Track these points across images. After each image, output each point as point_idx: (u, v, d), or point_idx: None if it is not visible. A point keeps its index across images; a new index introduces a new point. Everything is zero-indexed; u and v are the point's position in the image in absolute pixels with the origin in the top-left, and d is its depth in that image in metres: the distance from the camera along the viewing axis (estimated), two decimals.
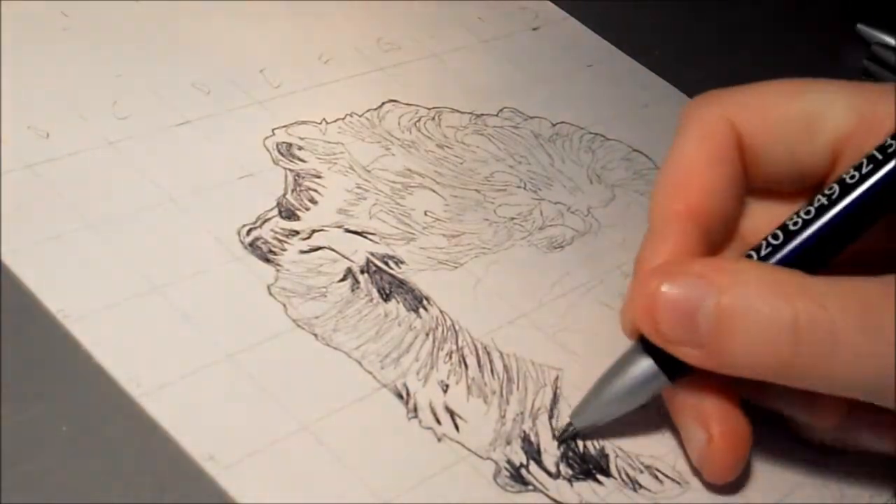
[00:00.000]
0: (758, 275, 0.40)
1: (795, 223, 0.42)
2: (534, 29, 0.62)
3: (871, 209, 0.41)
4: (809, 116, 0.44)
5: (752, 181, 0.45)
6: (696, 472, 0.43)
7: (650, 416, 0.44)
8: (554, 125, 0.56)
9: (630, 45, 0.63)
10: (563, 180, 0.53)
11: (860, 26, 0.70)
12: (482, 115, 0.55)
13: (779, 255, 0.41)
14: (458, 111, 0.55)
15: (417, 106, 0.54)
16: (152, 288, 0.41)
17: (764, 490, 0.43)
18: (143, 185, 0.45)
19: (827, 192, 0.42)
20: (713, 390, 0.42)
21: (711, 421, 0.41)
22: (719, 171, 0.44)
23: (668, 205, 0.43)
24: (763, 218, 0.44)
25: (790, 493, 0.44)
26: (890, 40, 0.69)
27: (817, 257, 0.41)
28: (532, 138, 0.55)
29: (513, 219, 0.50)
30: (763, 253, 0.41)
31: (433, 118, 0.54)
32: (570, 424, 0.42)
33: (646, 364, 0.41)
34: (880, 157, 0.41)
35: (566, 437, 0.42)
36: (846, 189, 0.41)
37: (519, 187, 0.52)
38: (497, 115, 0.55)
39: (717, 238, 0.44)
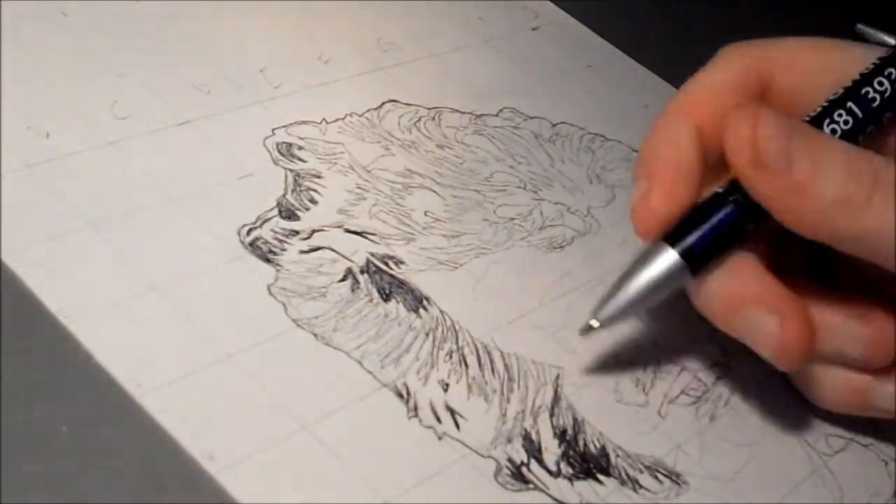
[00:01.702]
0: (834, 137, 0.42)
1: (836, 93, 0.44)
2: (534, 29, 0.62)
3: None
4: (841, 68, 0.45)
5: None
6: (695, 473, 0.43)
7: (652, 416, 0.44)
8: (554, 125, 0.56)
9: (630, 45, 0.63)
10: (563, 180, 0.53)
11: (860, 26, 0.70)
12: (482, 115, 0.55)
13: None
14: (458, 111, 0.55)
15: (417, 106, 0.54)
16: (152, 288, 0.41)
17: (764, 490, 0.43)
18: (143, 184, 0.45)
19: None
20: (766, 280, 0.42)
21: (778, 303, 0.42)
22: (735, 97, 0.44)
23: (677, 113, 0.45)
24: None
25: (790, 492, 0.44)
26: (890, 40, 0.69)
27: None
28: (532, 138, 0.55)
29: (513, 219, 0.50)
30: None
31: (433, 118, 0.54)
32: (592, 321, 0.42)
33: (670, 257, 0.42)
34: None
35: (587, 332, 0.43)
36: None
37: (519, 187, 0.52)
38: (497, 116, 0.55)
39: (715, 159, 0.44)
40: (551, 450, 0.42)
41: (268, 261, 0.44)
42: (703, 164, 0.43)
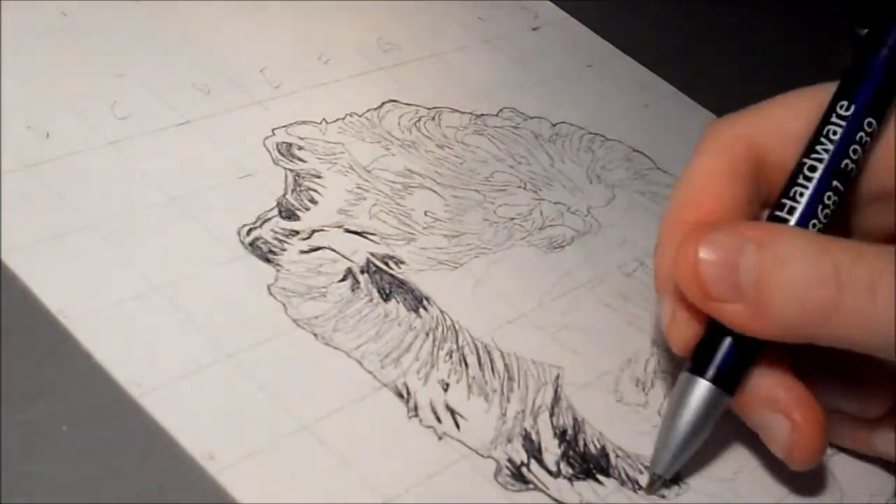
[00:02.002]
0: (792, 231, 0.41)
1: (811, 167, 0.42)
2: (534, 29, 0.62)
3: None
4: None
5: (774, 195, 0.45)
6: (695, 473, 0.43)
7: (652, 416, 0.44)
8: (554, 125, 0.56)
9: (630, 45, 0.63)
10: (563, 180, 0.53)
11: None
12: (482, 115, 0.55)
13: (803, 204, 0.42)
14: (458, 111, 0.55)
15: (417, 106, 0.54)
16: (152, 288, 0.41)
17: (764, 490, 0.43)
18: (142, 184, 0.45)
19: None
20: (782, 381, 0.42)
21: (791, 409, 0.41)
22: (732, 186, 0.44)
23: (678, 217, 0.43)
24: None
25: (790, 493, 0.44)
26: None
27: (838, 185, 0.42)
28: (532, 138, 0.55)
29: (513, 219, 0.50)
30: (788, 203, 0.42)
31: (433, 118, 0.54)
32: (655, 475, 0.42)
33: (703, 387, 0.41)
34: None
35: (657, 488, 0.42)
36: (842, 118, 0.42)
37: (519, 187, 0.52)
38: (497, 115, 0.55)
39: None
40: (551, 450, 0.42)
41: (268, 261, 0.44)
42: None
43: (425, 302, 0.45)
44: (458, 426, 0.41)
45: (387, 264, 0.46)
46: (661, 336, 0.47)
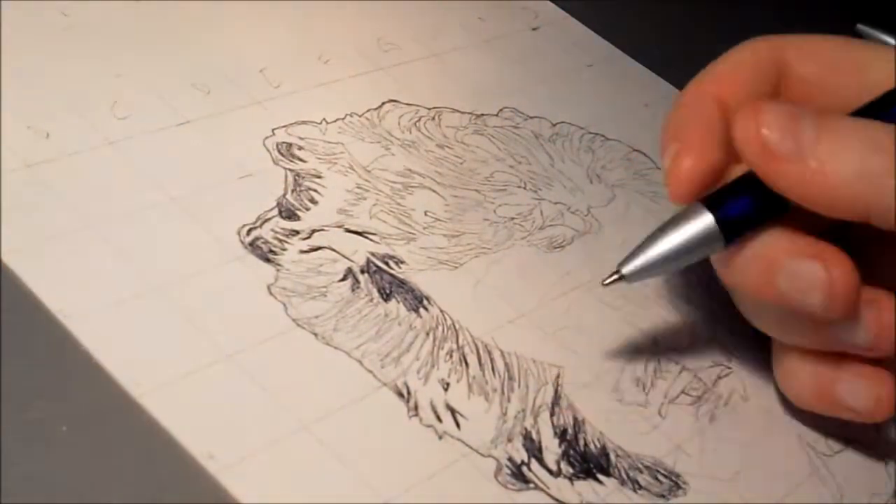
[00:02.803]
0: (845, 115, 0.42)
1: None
2: (534, 29, 0.62)
3: None
4: (860, 61, 0.45)
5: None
6: (695, 473, 0.43)
7: (652, 416, 0.44)
8: (554, 125, 0.56)
9: (630, 44, 0.63)
10: (563, 180, 0.53)
11: (860, 26, 0.70)
12: (482, 114, 0.55)
13: None
14: (458, 111, 0.55)
15: (417, 106, 0.54)
16: (152, 288, 0.41)
17: (764, 490, 0.43)
18: (142, 184, 0.45)
19: None
20: (806, 236, 0.42)
21: (822, 252, 0.41)
22: (756, 79, 0.45)
23: (701, 86, 0.45)
24: None
25: (790, 492, 0.44)
26: (890, 40, 0.69)
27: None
28: (532, 138, 0.55)
29: (513, 219, 0.50)
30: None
31: (433, 118, 0.54)
32: (617, 272, 0.42)
33: (706, 221, 0.41)
34: None
35: (612, 282, 0.42)
36: None
37: (519, 187, 0.52)
38: (497, 115, 0.55)
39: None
40: (551, 449, 0.42)
41: (268, 260, 0.44)
42: (728, 135, 0.43)
43: (425, 301, 0.45)
44: (458, 425, 0.41)
45: (387, 264, 0.46)
46: (662, 335, 0.47)
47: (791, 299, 0.42)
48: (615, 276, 0.43)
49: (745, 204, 0.42)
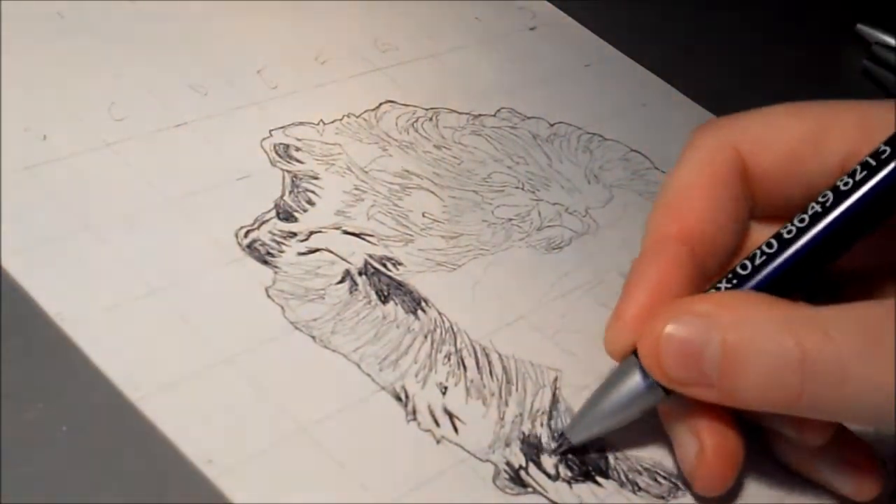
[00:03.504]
0: (761, 310, 0.40)
1: (790, 231, 0.41)
2: (531, 29, 0.62)
3: (866, 216, 0.41)
4: (816, 135, 0.44)
5: (761, 206, 0.45)
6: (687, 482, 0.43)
7: (650, 418, 0.44)
8: (551, 125, 0.56)
9: (628, 44, 0.63)
10: (561, 181, 0.53)
11: (860, 26, 0.70)
12: (480, 115, 0.55)
13: (773, 264, 0.41)
14: (455, 112, 0.55)
15: (415, 107, 0.54)
16: (150, 290, 0.41)
17: (764, 491, 0.43)
18: (140, 186, 0.45)
19: (821, 199, 0.41)
20: (705, 403, 0.41)
21: (703, 432, 0.41)
22: (717, 195, 0.43)
23: (661, 226, 0.43)
24: None
25: (790, 493, 0.44)
26: (890, 40, 0.69)
27: (812, 265, 0.41)
28: (530, 139, 0.55)
29: (511, 220, 0.50)
30: (757, 262, 0.41)
31: (431, 119, 0.53)
32: (563, 437, 0.42)
33: (639, 379, 0.41)
34: (874, 163, 0.41)
35: (560, 451, 0.42)
36: (840, 196, 0.41)
37: (517, 188, 0.52)
38: (495, 116, 0.55)
39: (711, 262, 0.43)
40: (550, 453, 0.42)
41: (266, 263, 0.44)
42: (690, 280, 0.42)
43: (423, 304, 0.45)
44: (456, 430, 0.41)
45: (385, 266, 0.46)
46: None
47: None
48: (563, 442, 0.42)
49: None
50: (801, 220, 0.41)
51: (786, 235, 0.41)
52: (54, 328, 0.39)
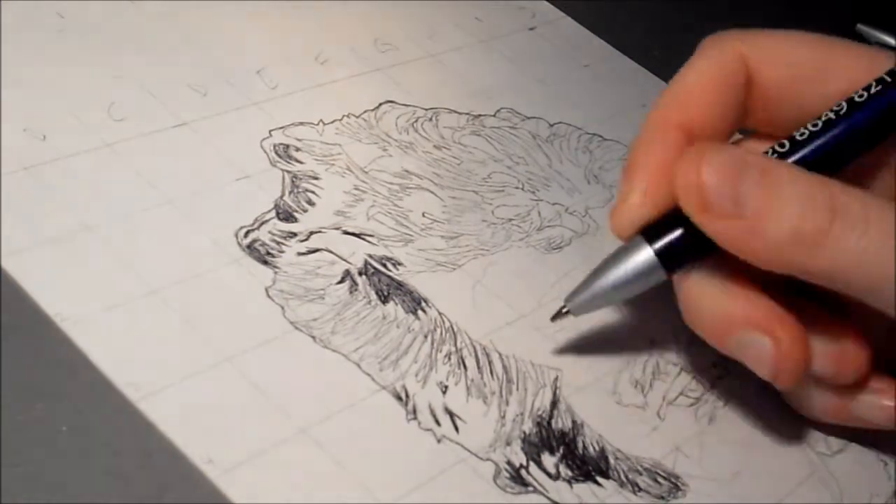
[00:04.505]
0: (792, 165, 0.41)
1: (802, 134, 0.42)
2: (531, 29, 0.62)
3: (878, 126, 0.42)
4: (824, 62, 0.45)
5: (758, 121, 0.46)
6: (695, 475, 0.43)
7: (651, 418, 0.44)
8: (551, 125, 0.56)
9: (627, 44, 0.63)
10: (560, 181, 0.53)
11: (860, 26, 0.70)
12: (480, 115, 0.55)
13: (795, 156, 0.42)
14: (455, 112, 0.55)
15: (415, 107, 0.54)
16: (150, 291, 0.41)
17: (764, 490, 0.43)
18: (140, 187, 0.45)
19: (835, 107, 0.42)
20: (759, 301, 0.42)
21: (774, 327, 0.41)
22: (720, 94, 0.44)
23: (665, 113, 0.44)
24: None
25: (790, 493, 0.44)
26: (890, 40, 0.69)
27: (822, 167, 0.42)
28: (530, 139, 0.55)
29: (511, 220, 0.50)
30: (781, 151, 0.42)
31: (430, 119, 0.53)
32: (563, 307, 0.43)
33: (645, 254, 0.42)
34: (889, 79, 0.42)
35: (558, 318, 0.43)
36: (854, 106, 0.42)
37: (517, 188, 0.52)
38: (494, 116, 0.55)
39: None
40: (550, 452, 0.42)
41: (266, 263, 0.44)
42: None
43: (424, 304, 0.45)
44: (456, 429, 0.41)
45: (385, 266, 0.46)
46: (660, 337, 0.47)
47: (741, 360, 0.42)
48: (562, 311, 0.43)
49: (686, 237, 0.42)
50: (815, 125, 0.42)
51: (798, 137, 0.42)
52: (54, 328, 0.39)
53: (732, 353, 0.42)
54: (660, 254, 0.42)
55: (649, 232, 0.42)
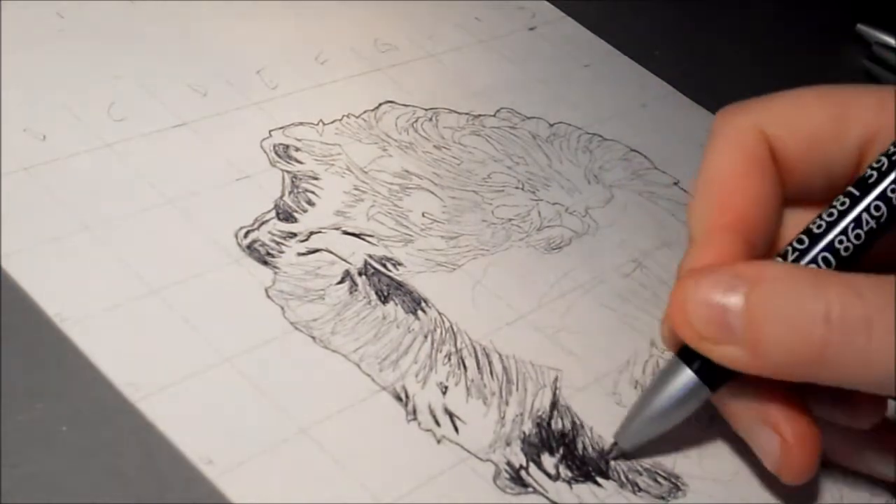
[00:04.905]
0: (787, 269, 0.40)
1: (819, 226, 0.41)
2: (531, 29, 0.62)
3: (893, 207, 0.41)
4: (837, 117, 0.43)
5: (786, 190, 0.44)
6: (695, 475, 0.43)
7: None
8: (551, 125, 0.56)
9: (627, 44, 0.63)
10: (560, 181, 0.53)
11: (860, 26, 0.70)
12: (479, 115, 0.55)
13: (806, 259, 0.41)
14: (455, 112, 0.54)
15: (415, 107, 0.54)
16: (150, 291, 0.41)
17: (764, 490, 0.43)
18: (140, 187, 0.45)
19: (850, 188, 0.41)
20: (775, 393, 0.41)
21: (781, 424, 0.41)
22: (758, 180, 0.43)
23: (711, 217, 0.43)
24: (797, 227, 0.43)
25: (790, 493, 0.44)
26: (890, 40, 0.69)
27: (845, 263, 0.41)
28: (529, 139, 0.55)
29: (511, 220, 0.50)
30: (790, 258, 0.41)
31: (430, 119, 0.53)
32: (615, 444, 0.42)
33: (686, 376, 0.41)
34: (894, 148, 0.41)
35: (612, 457, 0.42)
36: (866, 189, 0.41)
37: (517, 188, 0.51)
38: (494, 116, 0.55)
39: (760, 248, 0.43)
40: (550, 453, 0.42)
41: (265, 263, 0.44)
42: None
43: (423, 304, 0.45)
44: (456, 429, 0.41)
45: (385, 266, 0.46)
46: (660, 337, 0.47)
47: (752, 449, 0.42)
48: (614, 450, 0.42)
49: None
50: (830, 215, 0.41)
51: (815, 230, 0.41)
52: (54, 328, 0.39)
53: (742, 436, 0.43)
54: (700, 373, 0.41)
55: (684, 352, 0.41)
